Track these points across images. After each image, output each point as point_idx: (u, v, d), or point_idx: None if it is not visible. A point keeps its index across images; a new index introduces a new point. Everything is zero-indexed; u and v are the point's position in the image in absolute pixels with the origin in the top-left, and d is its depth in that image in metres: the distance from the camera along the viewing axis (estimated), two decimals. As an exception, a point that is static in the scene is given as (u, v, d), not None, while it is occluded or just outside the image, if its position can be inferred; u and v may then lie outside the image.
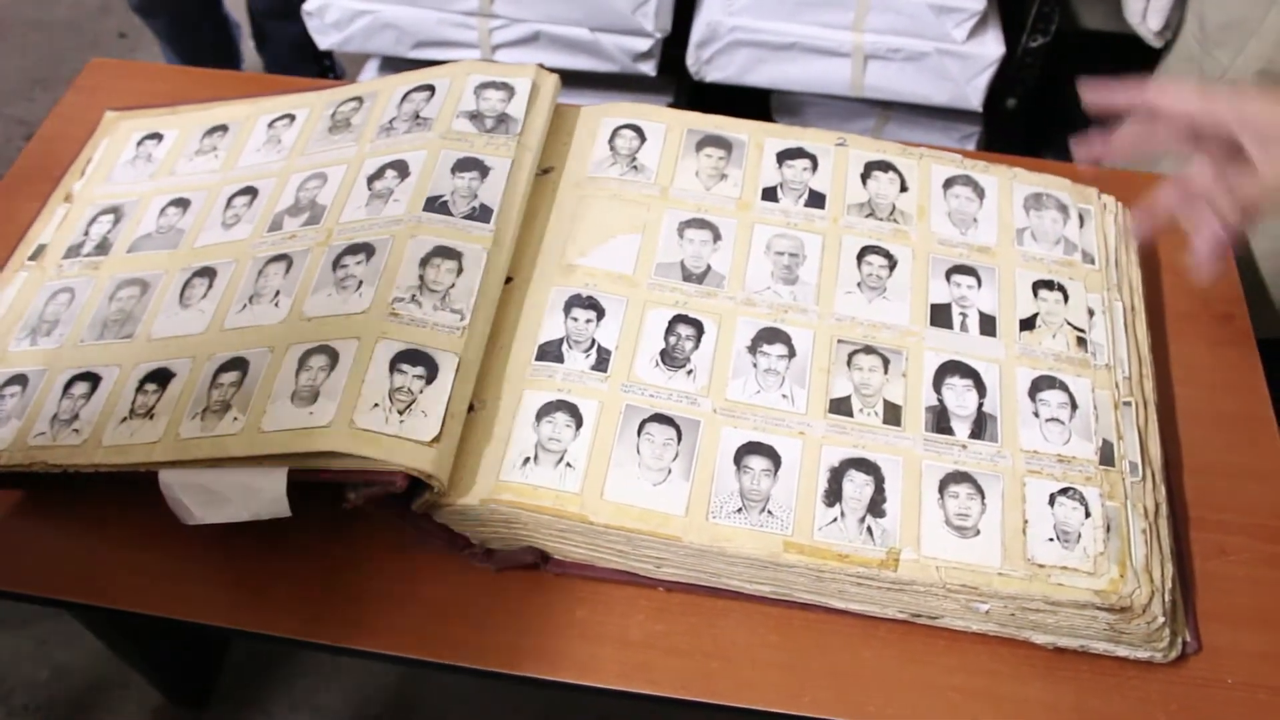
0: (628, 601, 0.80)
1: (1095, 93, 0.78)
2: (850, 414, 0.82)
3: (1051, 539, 0.76)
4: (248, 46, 2.19)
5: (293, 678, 1.49)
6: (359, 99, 1.03)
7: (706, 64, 1.62)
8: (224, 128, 1.06)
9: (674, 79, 1.74)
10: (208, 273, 0.91)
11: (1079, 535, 0.77)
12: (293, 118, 1.04)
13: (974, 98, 1.57)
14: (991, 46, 1.53)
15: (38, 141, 1.12)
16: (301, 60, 2.05)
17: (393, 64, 1.77)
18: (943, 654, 0.78)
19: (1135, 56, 1.37)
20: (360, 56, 1.93)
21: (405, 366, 0.79)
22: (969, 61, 1.54)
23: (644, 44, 1.59)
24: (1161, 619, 0.75)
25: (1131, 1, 1.22)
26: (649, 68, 1.63)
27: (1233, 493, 0.87)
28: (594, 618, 0.80)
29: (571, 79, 1.66)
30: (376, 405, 0.76)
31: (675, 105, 1.76)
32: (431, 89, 1.00)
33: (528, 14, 1.58)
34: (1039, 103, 1.74)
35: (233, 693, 1.48)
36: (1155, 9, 1.20)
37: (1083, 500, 0.78)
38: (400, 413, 0.76)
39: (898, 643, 0.79)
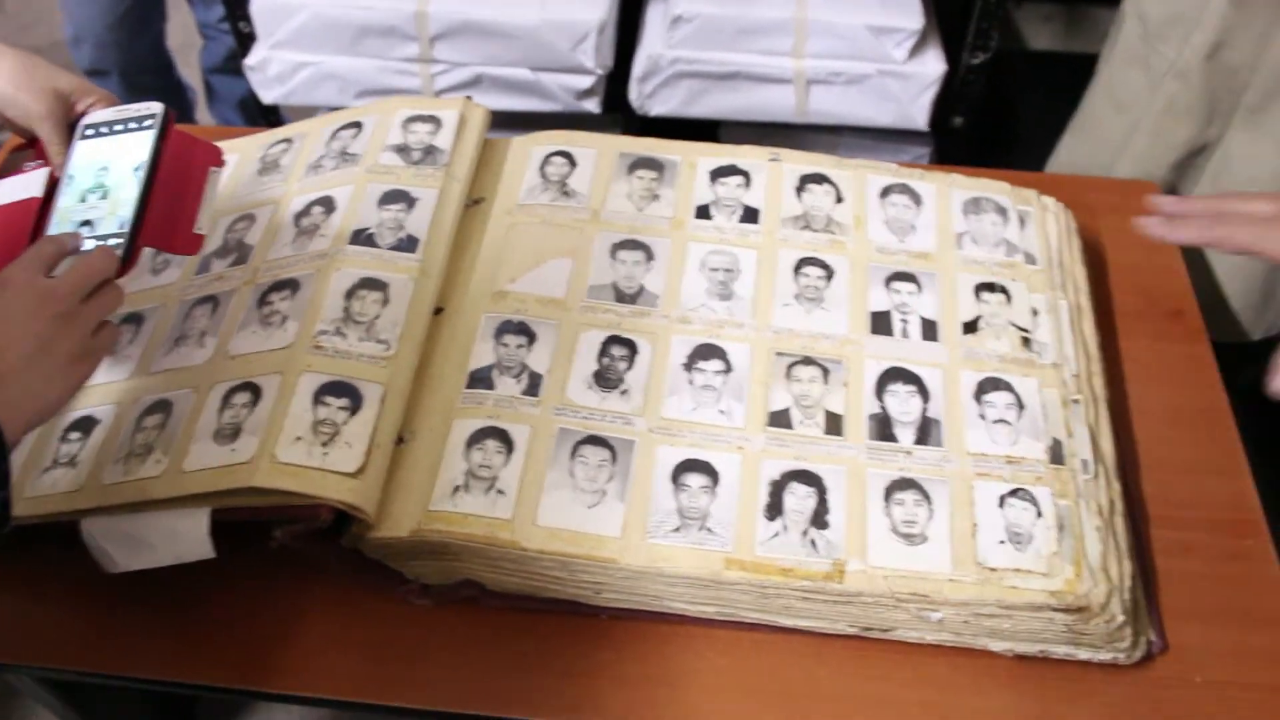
0: (570, 631, 0.78)
1: (1157, 227, 0.79)
2: (790, 426, 0.80)
3: (1003, 541, 0.74)
4: (203, 113, 2.18)
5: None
6: (289, 140, 1.01)
7: (650, 98, 1.61)
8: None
9: (620, 116, 1.73)
10: (135, 319, 0.89)
11: (1031, 536, 0.74)
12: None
13: (919, 117, 1.56)
14: (933, 65, 1.52)
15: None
16: (249, 118, 2.05)
17: (339, 116, 1.76)
18: (899, 668, 0.76)
19: (1080, 73, 1.37)
20: (307, 110, 1.92)
21: (329, 399, 0.77)
22: (911, 81, 1.53)
23: (586, 81, 1.58)
24: (1121, 618, 0.73)
25: None
26: (593, 105, 1.63)
27: (1193, 488, 0.86)
28: (536, 650, 0.77)
29: (518, 120, 1.66)
30: (299, 439, 0.74)
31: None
32: (359, 126, 0.98)
33: (468, 57, 1.57)
34: (987, 121, 1.74)
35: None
36: None
37: (1033, 500, 0.76)
38: (324, 445, 0.74)
39: (852, 659, 0.76)
